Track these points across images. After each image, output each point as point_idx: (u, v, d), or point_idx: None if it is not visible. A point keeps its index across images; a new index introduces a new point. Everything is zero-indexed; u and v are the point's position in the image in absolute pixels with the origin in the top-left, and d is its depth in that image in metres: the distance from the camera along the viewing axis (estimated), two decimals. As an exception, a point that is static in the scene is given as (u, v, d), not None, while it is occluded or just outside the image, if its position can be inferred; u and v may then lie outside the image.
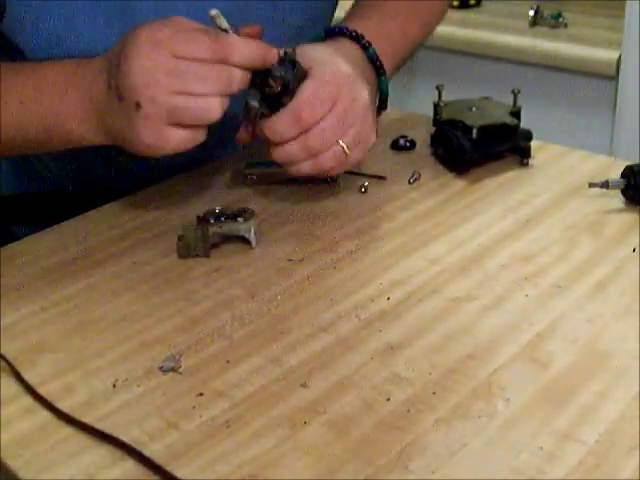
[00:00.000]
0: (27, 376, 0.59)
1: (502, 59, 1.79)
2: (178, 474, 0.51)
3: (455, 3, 1.96)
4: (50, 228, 0.80)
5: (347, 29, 0.82)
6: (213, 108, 0.66)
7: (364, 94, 0.75)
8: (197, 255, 0.73)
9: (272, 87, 0.71)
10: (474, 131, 0.87)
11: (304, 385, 0.58)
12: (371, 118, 0.76)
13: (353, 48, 0.81)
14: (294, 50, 0.72)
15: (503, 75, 1.76)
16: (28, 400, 0.58)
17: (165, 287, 0.70)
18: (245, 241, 0.75)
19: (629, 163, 0.82)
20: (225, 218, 0.74)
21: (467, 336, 0.62)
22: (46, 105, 0.71)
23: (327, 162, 0.74)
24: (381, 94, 0.84)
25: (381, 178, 0.87)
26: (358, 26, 0.83)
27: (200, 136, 0.68)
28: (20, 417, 0.56)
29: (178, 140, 0.67)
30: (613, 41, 1.68)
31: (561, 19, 1.81)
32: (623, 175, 0.80)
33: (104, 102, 0.68)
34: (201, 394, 0.57)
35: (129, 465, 0.52)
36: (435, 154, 0.92)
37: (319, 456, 0.52)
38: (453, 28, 1.85)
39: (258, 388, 0.58)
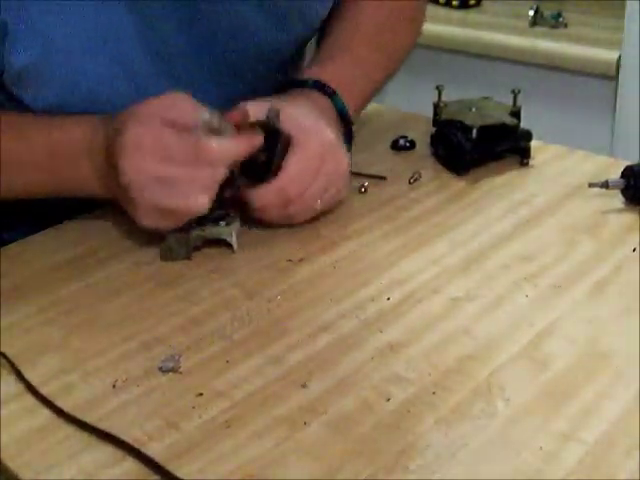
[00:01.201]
0: (27, 376, 0.59)
1: (502, 59, 1.79)
2: (178, 474, 0.51)
3: (455, 3, 1.96)
4: (50, 228, 0.80)
5: (325, 87, 0.83)
6: (199, 205, 0.69)
7: (345, 161, 0.77)
8: (178, 258, 0.74)
9: (259, 158, 0.72)
10: (474, 131, 0.86)
11: (304, 385, 0.58)
12: (347, 179, 0.79)
13: (323, 100, 0.82)
14: (278, 114, 0.73)
15: (503, 75, 1.76)
16: (28, 400, 0.58)
17: (165, 287, 0.70)
18: (228, 245, 0.75)
19: (629, 163, 0.82)
20: (208, 221, 0.74)
21: (467, 336, 0.62)
22: (61, 174, 0.75)
23: (297, 219, 0.77)
24: (349, 137, 0.85)
25: (381, 178, 0.87)
26: (329, 72, 0.84)
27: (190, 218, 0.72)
28: (20, 417, 0.56)
29: (172, 224, 0.71)
30: (613, 41, 1.68)
31: (561, 19, 1.81)
32: (623, 175, 0.80)
33: (108, 172, 0.71)
34: (201, 394, 0.57)
35: (129, 465, 0.52)
36: (435, 154, 0.92)
37: (319, 456, 0.52)
38: (453, 28, 1.85)
39: (258, 388, 0.58)
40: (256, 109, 0.73)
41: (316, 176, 0.74)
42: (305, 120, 0.75)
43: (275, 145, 0.72)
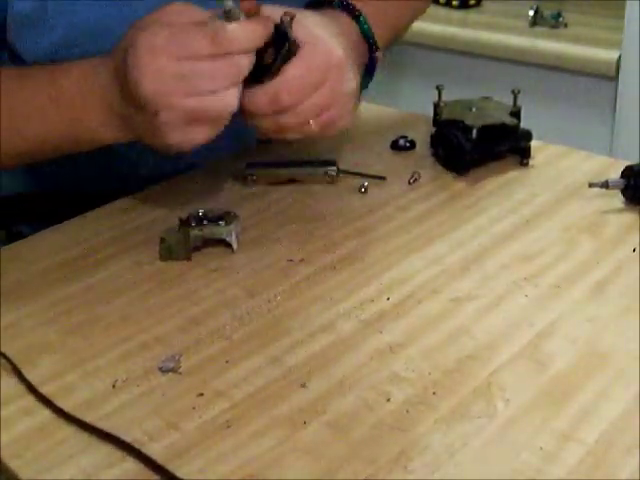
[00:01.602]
0: (27, 376, 0.59)
1: (502, 59, 1.79)
2: (178, 474, 0.51)
3: (455, 3, 1.96)
4: (50, 228, 0.80)
5: (365, 22, 0.80)
6: (228, 101, 0.66)
7: (351, 82, 0.73)
8: (178, 258, 0.73)
9: (264, 59, 0.69)
10: (474, 131, 0.86)
11: (304, 385, 0.58)
12: (351, 105, 0.74)
13: (347, 21, 0.80)
14: (292, 18, 0.70)
15: (503, 75, 1.76)
16: (28, 400, 0.58)
17: (165, 287, 0.70)
18: (228, 245, 0.74)
19: (629, 163, 0.82)
20: (207, 221, 0.74)
21: (467, 336, 0.62)
22: (67, 116, 0.71)
23: (291, 137, 0.74)
24: (371, 66, 0.83)
25: (381, 178, 0.87)
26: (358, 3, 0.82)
27: (221, 126, 0.68)
28: (20, 417, 0.56)
29: (202, 136, 0.67)
30: (613, 41, 1.68)
31: (561, 19, 1.81)
32: (623, 175, 0.80)
33: (122, 109, 0.68)
34: (201, 394, 0.57)
35: (129, 465, 0.52)
36: (435, 154, 0.92)
37: (319, 456, 0.52)
38: (453, 28, 1.85)
39: (258, 388, 0.58)
40: (272, 12, 0.70)
41: (314, 89, 0.71)
42: (317, 32, 0.72)
43: (283, 49, 0.69)
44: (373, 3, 0.84)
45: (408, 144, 0.94)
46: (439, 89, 0.92)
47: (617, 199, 0.81)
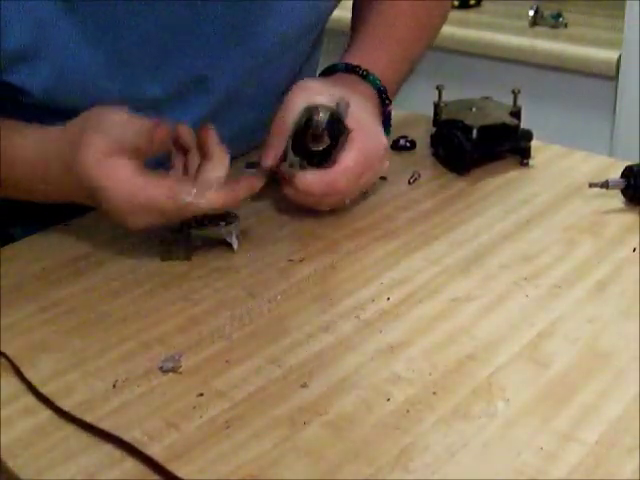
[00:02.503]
0: (27, 376, 0.59)
1: (502, 59, 1.79)
2: (178, 474, 0.50)
3: (455, 3, 1.96)
4: (50, 228, 0.80)
5: (375, 80, 0.85)
6: (190, 211, 0.69)
7: (384, 166, 0.80)
8: (178, 258, 0.73)
9: (318, 141, 0.73)
10: (474, 131, 0.86)
11: (304, 385, 0.58)
12: (375, 183, 0.81)
13: (376, 102, 0.85)
14: (347, 106, 0.74)
15: (503, 75, 1.76)
16: (28, 400, 0.58)
17: (165, 287, 0.70)
18: (228, 245, 0.74)
19: (629, 163, 0.82)
20: (207, 221, 0.74)
21: (467, 336, 0.62)
22: (43, 181, 0.73)
23: (327, 208, 0.79)
24: (387, 119, 0.88)
25: (381, 178, 0.87)
26: (369, 57, 0.86)
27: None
28: (20, 417, 0.56)
29: (161, 224, 0.71)
30: (613, 41, 1.68)
31: (561, 19, 1.81)
32: (623, 175, 0.80)
33: (71, 190, 0.71)
34: (201, 394, 0.57)
35: (129, 465, 0.52)
36: (435, 154, 0.92)
37: (319, 456, 0.52)
38: (453, 28, 1.84)
39: (258, 388, 0.58)
40: (326, 99, 0.75)
41: (361, 177, 0.76)
42: (366, 119, 0.77)
43: (338, 135, 0.74)
44: (385, 52, 0.88)
45: (408, 144, 0.94)
46: (439, 89, 0.92)
47: (617, 199, 0.81)
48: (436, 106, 0.92)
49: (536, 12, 1.81)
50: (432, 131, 0.92)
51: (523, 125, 0.89)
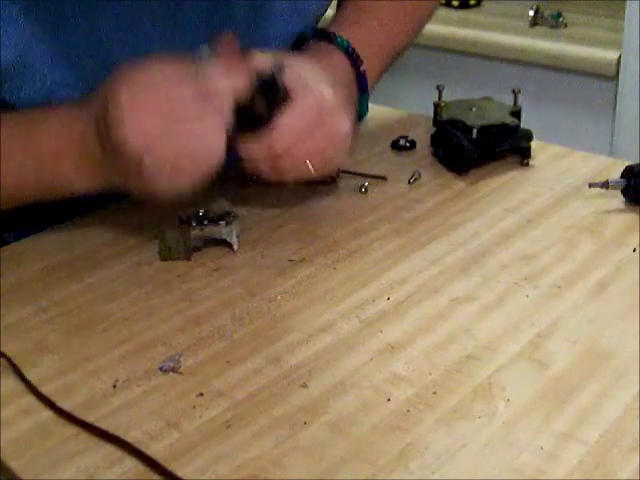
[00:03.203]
0: (27, 376, 0.59)
1: (502, 59, 1.79)
2: (178, 474, 0.51)
3: (455, 3, 1.96)
4: (50, 228, 0.80)
5: (343, 41, 0.82)
6: (213, 146, 0.66)
7: (345, 125, 0.73)
8: (178, 258, 0.73)
9: (253, 109, 0.69)
10: (474, 131, 0.86)
11: (304, 385, 0.58)
12: (346, 145, 0.75)
13: (344, 65, 0.81)
14: (280, 67, 0.70)
15: (503, 75, 1.76)
16: (28, 400, 0.58)
17: (165, 287, 0.70)
18: (228, 245, 0.74)
19: (629, 163, 0.82)
20: (207, 221, 0.73)
21: (467, 336, 0.62)
22: (41, 165, 0.71)
23: (290, 178, 0.74)
24: (360, 112, 0.84)
25: (381, 178, 0.87)
26: (347, 33, 0.83)
27: (207, 173, 0.67)
28: (20, 417, 0.56)
29: (187, 183, 0.67)
30: (613, 41, 1.68)
31: (561, 19, 1.81)
32: (623, 175, 0.80)
33: (102, 160, 0.68)
34: (201, 394, 0.57)
35: (129, 465, 0.52)
36: (435, 154, 0.92)
37: (319, 456, 0.52)
38: (453, 28, 1.85)
39: (258, 388, 0.58)
40: (262, 59, 0.70)
41: (307, 136, 0.71)
42: (306, 76, 0.73)
43: (274, 98, 0.70)
44: (365, 28, 0.85)
45: (408, 144, 0.94)
46: (439, 89, 0.92)
47: (617, 199, 0.81)
48: (436, 106, 0.92)
49: (536, 12, 1.82)
50: (432, 131, 0.92)
51: (523, 125, 0.89)
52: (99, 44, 0.75)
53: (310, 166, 0.72)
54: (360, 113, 0.85)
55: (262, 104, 0.69)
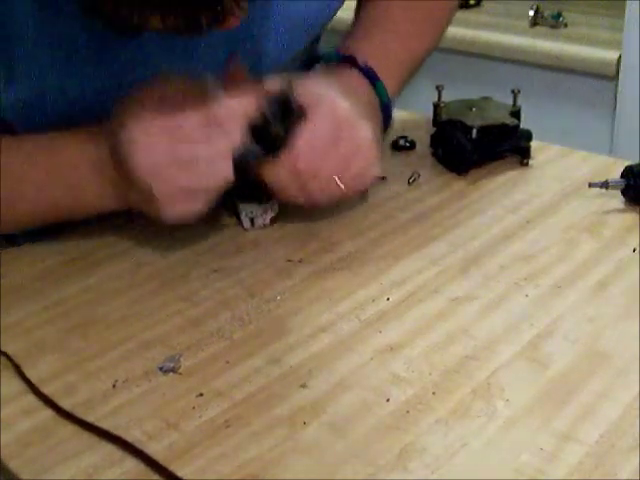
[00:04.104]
0: (27, 376, 0.59)
1: (502, 59, 1.79)
2: (178, 474, 0.51)
3: (455, 3, 1.95)
4: (50, 228, 0.80)
5: (356, 61, 0.80)
6: (223, 173, 0.67)
7: (365, 132, 0.73)
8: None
9: (272, 132, 0.69)
10: (474, 131, 0.86)
11: (304, 385, 0.58)
12: (372, 154, 0.74)
13: (360, 83, 0.80)
14: (291, 86, 0.70)
15: (503, 75, 1.76)
16: (28, 400, 0.58)
17: (165, 287, 0.70)
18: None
19: (629, 163, 0.82)
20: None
21: (467, 336, 0.62)
22: (63, 188, 0.71)
23: (324, 200, 0.74)
24: (385, 120, 0.83)
25: (381, 178, 0.87)
26: (363, 47, 0.82)
27: (217, 195, 0.69)
28: (20, 417, 0.56)
29: (198, 208, 0.68)
30: (613, 41, 1.68)
31: (561, 19, 1.81)
32: (623, 175, 0.80)
33: (119, 182, 0.69)
34: (201, 394, 0.57)
35: (129, 465, 0.52)
36: (435, 154, 0.92)
37: (319, 456, 0.52)
38: (453, 28, 1.84)
39: (258, 388, 0.58)
40: (273, 82, 0.70)
41: (329, 151, 0.71)
42: (321, 91, 0.72)
43: (289, 118, 0.70)
44: (379, 42, 0.84)
45: (408, 144, 0.94)
46: (439, 89, 0.92)
47: (617, 199, 0.81)
48: (436, 106, 0.92)
49: (536, 12, 1.82)
50: (432, 131, 0.92)
51: (523, 125, 0.89)
52: (112, 76, 0.75)
53: (339, 183, 0.72)
54: (386, 124, 0.84)
55: (278, 125, 0.69)
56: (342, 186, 0.72)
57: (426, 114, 0.97)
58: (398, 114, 1.03)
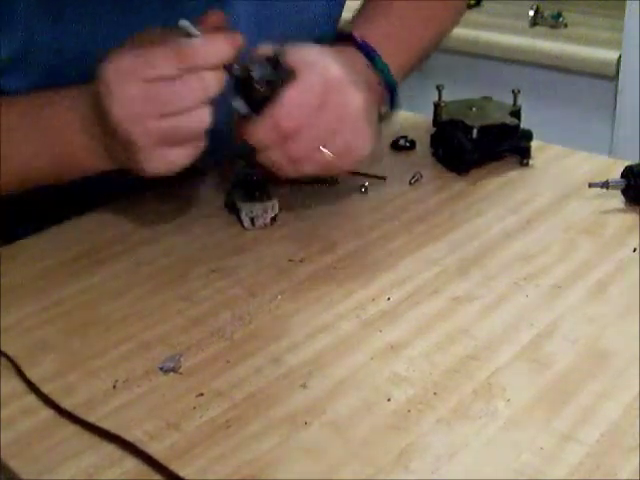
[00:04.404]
0: (27, 375, 0.59)
1: (502, 59, 1.79)
2: (179, 474, 0.51)
3: (455, 3, 1.95)
4: (50, 228, 0.80)
5: (354, 37, 0.79)
6: (200, 119, 0.65)
7: (356, 100, 0.70)
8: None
9: (257, 90, 0.68)
10: (474, 131, 0.87)
11: (304, 385, 0.58)
12: (364, 126, 0.71)
13: (358, 56, 0.78)
14: (283, 50, 0.69)
15: (503, 75, 1.76)
16: (28, 400, 0.58)
17: (165, 287, 0.70)
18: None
19: (629, 163, 0.82)
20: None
21: (467, 336, 0.62)
22: (51, 146, 0.71)
23: (309, 169, 0.71)
24: (392, 101, 0.81)
25: (381, 178, 0.87)
26: (366, 30, 0.81)
27: (200, 144, 0.67)
28: (20, 417, 0.56)
29: (182, 157, 0.66)
30: (613, 41, 1.68)
31: (561, 19, 1.81)
32: (623, 175, 0.80)
33: (103, 138, 0.68)
34: (201, 394, 0.57)
35: (129, 465, 0.52)
36: (435, 154, 0.92)
37: (319, 456, 0.52)
38: (453, 28, 1.84)
39: (258, 388, 0.58)
40: (265, 46, 0.70)
41: (316, 110, 0.68)
42: (313, 55, 0.70)
43: (275, 78, 0.68)
44: (385, 24, 0.83)
45: (408, 144, 0.94)
46: (439, 89, 0.92)
47: (617, 199, 0.81)
48: (436, 106, 0.92)
49: (536, 12, 1.82)
50: (432, 131, 0.92)
51: (523, 125, 0.89)
52: (93, 35, 0.75)
53: (326, 151, 0.69)
54: (392, 102, 0.81)
55: (263, 84, 0.67)
56: (328, 153, 0.69)
57: (426, 114, 0.97)
58: (398, 114, 1.03)
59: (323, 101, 0.68)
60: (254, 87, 0.68)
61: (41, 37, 0.73)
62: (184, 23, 0.64)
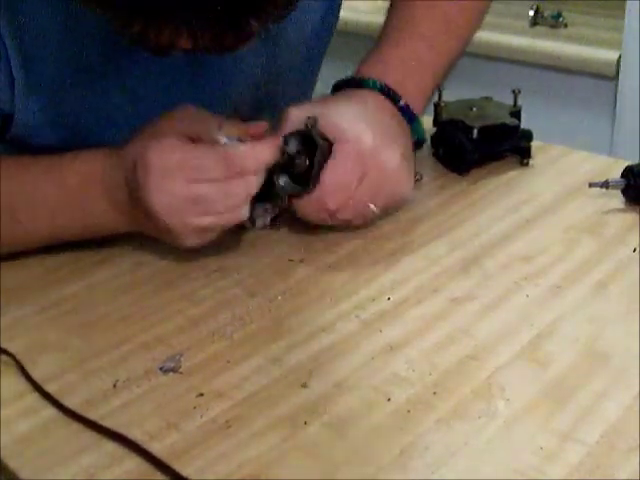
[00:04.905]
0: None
1: (502, 59, 1.79)
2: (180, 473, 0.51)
3: (455, 3, 1.95)
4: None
5: (376, 83, 0.78)
6: (240, 216, 0.68)
7: (393, 159, 0.73)
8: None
9: (298, 166, 0.71)
10: (474, 131, 0.86)
11: (304, 385, 0.58)
12: (403, 176, 0.74)
13: (381, 101, 0.78)
14: (315, 120, 0.71)
15: (503, 75, 1.76)
16: (28, 400, 0.58)
17: (165, 287, 0.70)
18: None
19: (629, 163, 0.82)
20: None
21: (467, 336, 0.62)
22: (73, 210, 0.72)
23: (356, 221, 0.75)
24: (417, 138, 0.82)
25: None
26: (388, 56, 0.81)
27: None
28: (20, 417, 0.56)
29: (212, 238, 0.70)
30: (613, 41, 1.68)
31: (561, 19, 1.81)
32: (623, 175, 0.80)
33: (131, 209, 0.69)
34: (201, 394, 0.57)
35: (129, 465, 0.52)
36: (435, 154, 0.92)
37: (319, 456, 0.52)
38: (453, 28, 1.84)
39: (258, 388, 0.58)
40: (298, 113, 0.72)
41: (357, 184, 0.71)
42: (345, 122, 0.72)
43: (312, 152, 0.71)
44: (409, 48, 0.83)
45: (408, 144, 0.94)
46: (439, 89, 0.92)
47: (617, 199, 0.81)
48: (436, 106, 0.92)
49: (536, 12, 1.81)
50: (432, 131, 0.92)
51: (523, 125, 0.89)
52: (124, 92, 0.75)
53: (373, 207, 0.73)
54: (418, 139, 0.82)
55: (302, 159, 0.71)
56: (375, 209, 0.74)
57: (426, 114, 0.97)
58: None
59: (363, 172, 0.72)
60: (295, 164, 0.71)
61: (69, 97, 0.73)
62: (223, 139, 0.67)
